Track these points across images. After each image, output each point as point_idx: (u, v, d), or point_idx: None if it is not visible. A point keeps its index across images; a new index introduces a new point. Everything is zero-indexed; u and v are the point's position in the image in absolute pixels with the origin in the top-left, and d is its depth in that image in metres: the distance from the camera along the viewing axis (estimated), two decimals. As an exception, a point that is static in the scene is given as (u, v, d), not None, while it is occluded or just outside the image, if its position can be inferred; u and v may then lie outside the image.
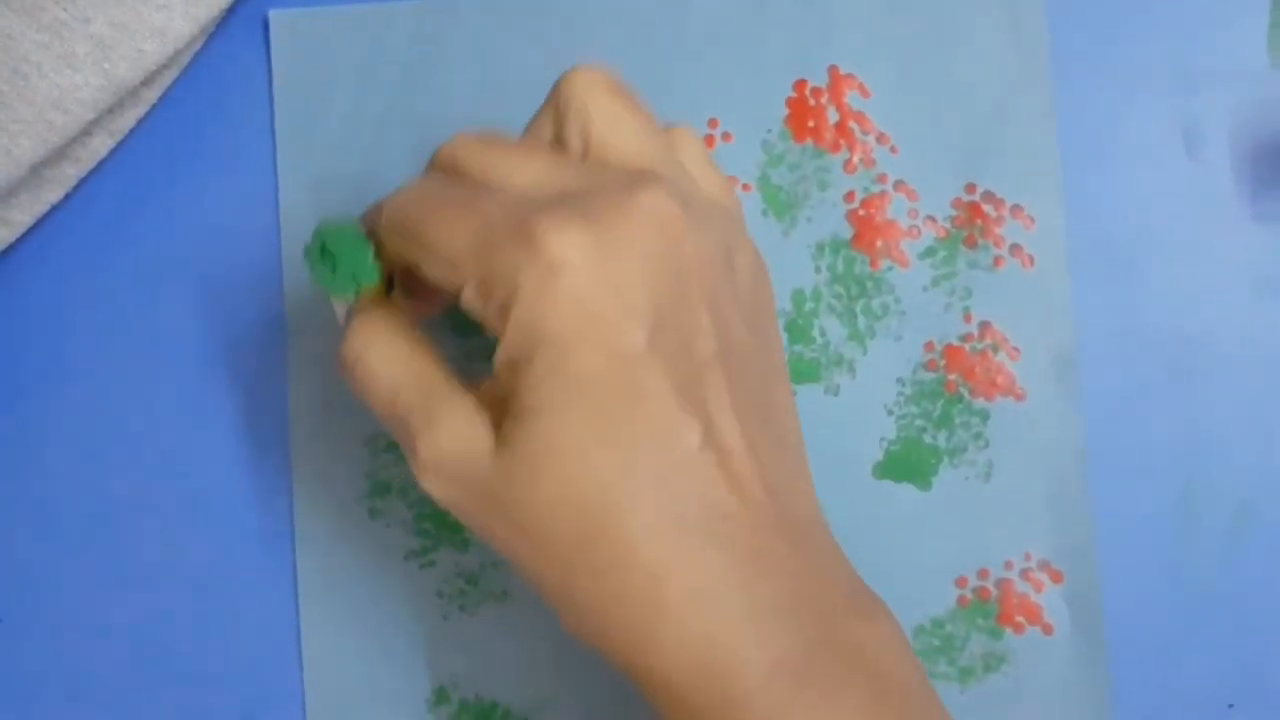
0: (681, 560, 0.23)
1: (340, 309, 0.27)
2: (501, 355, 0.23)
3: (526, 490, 0.23)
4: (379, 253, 0.26)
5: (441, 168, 0.26)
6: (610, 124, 0.25)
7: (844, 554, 0.27)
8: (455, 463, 0.24)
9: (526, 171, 0.25)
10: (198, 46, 0.34)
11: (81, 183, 0.34)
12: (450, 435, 0.24)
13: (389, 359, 0.25)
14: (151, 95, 0.34)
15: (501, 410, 0.24)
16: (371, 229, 0.26)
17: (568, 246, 0.22)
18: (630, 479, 0.23)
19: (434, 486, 0.24)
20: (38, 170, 0.33)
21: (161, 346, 0.35)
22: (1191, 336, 0.34)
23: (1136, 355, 0.34)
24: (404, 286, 0.28)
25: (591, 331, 0.22)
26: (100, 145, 0.34)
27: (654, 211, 0.23)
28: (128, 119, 0.34)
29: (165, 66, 0.34)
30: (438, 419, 0.24)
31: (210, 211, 0.35)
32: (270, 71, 0.35)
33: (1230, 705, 0.33)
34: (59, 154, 0.33)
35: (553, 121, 0.26)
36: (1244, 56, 0.34)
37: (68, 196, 0.34)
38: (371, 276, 0.26)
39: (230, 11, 0.35)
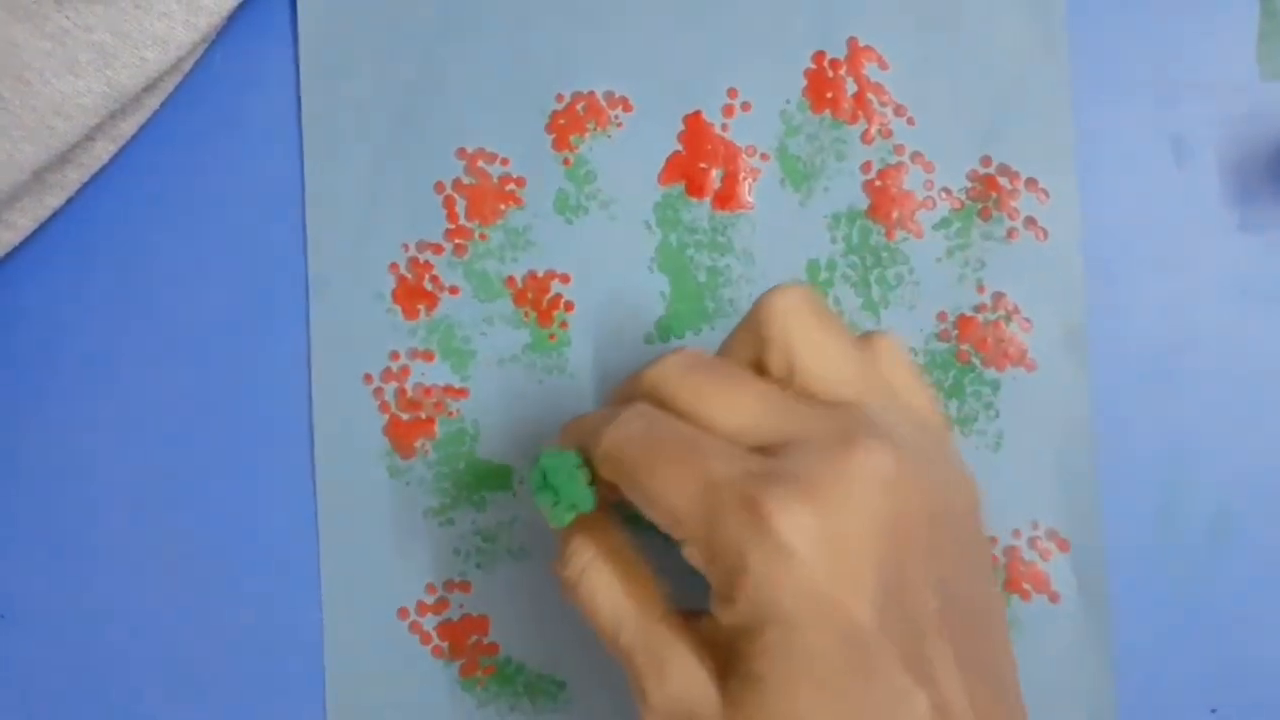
0: None
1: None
2: (728, 618, 0.24)
3: None
4: (594, 477, 0.26)
5: (647, 396, 0.26)
6: (815, 354, 0.26)
7: None
8: (685, 713, 0.24)
9: (737, 412, 0.25)
10: (199, 54, 0.35)
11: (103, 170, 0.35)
12: (680, 687, 0.25)
13: (608, 587, 0.27)
14: (154, 101, 0.35)
15: (723, 659, 0.24)
16: (582, 449, 0.27)
17: (796, 531, 0.23)
18: None
19: None
20: (40, 175, 0.33)
21: (168, 343, 0.35)
22: (1177, 343, 0.34)
23: (1123, 360, 0.34)
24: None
25: (821, 613, 0.23)
26: (102, 150, 0.34)
27: (873, 472, 0.24)
28: (129, 125, 0.34)
29: (167, 73, 0.34)
30: (667, 669, 0.25)
31: (233, 198, 0.35)
32: (296, 43, 0.35)
33: (1213, 710, 0.34)
34: (61, 159, 0.33)
35: (752, 345, 0.26)
36: (1232, 67, 0.35)
37: (69, 200, 0.35)
38: (589, 505, 0.26)
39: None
